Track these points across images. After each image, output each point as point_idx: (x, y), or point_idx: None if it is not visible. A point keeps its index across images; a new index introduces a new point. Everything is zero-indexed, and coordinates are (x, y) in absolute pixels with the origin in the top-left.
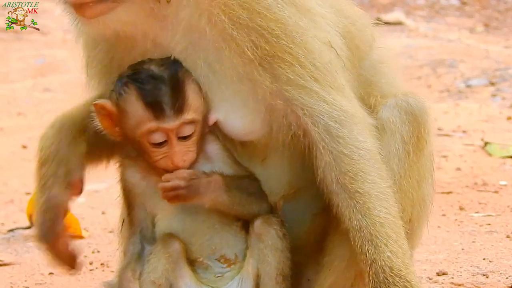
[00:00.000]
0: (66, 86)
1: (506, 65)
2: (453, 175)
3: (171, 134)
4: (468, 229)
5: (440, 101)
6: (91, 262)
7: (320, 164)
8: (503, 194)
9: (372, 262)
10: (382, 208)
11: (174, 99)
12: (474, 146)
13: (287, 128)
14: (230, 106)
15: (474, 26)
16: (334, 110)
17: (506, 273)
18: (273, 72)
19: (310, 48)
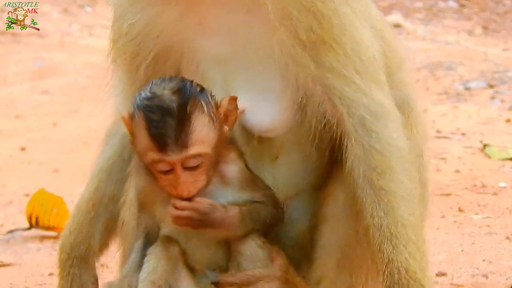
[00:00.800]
0: (64, 88)
1: (505, 68)
2: (452, 177)
3: (175, 166)
4: (467, 231)
5: (438, 104)
6: None
7: (350, 157)
8: (502, 196)
9: (388, 261)
10: (406, 209)
11: (178, 133)
12: (473, 149)
13: (321, 116)
14: (262, 93)
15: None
16: (372, 104)
17: (506, 274)
18: (320, 58)
19: (357, 42)
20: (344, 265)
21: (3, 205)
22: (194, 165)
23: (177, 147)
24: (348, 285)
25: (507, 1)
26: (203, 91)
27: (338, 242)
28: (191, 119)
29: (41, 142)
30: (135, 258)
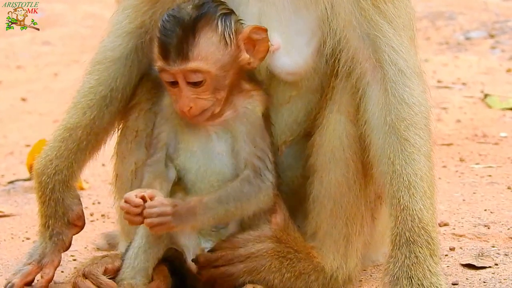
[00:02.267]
0: (65, 39)
1: (506, 18)
2: (453, 127)
3: (177, 77)
4: (469, 181)
5: (439, 54)
6: (92, 214)
7: (378, 104)
8: (503, 146)
9: (404, 208)
10: (425, 164)
11: (182, 44)
12: (474, 98)
13: (357, 63)
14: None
15: None
16: (411, 61)
17: (508, 224)
18: (379, 4)
19: (409, 8)
20: (338, 214)
21: (4, 156)
22: (195, 81)
23: (178, 58)
24: (343, 234)
25: None
26: (228, 15)
27: (329, 192)
28: (199, 34)
29: (41, 93)
30: (160, 167)
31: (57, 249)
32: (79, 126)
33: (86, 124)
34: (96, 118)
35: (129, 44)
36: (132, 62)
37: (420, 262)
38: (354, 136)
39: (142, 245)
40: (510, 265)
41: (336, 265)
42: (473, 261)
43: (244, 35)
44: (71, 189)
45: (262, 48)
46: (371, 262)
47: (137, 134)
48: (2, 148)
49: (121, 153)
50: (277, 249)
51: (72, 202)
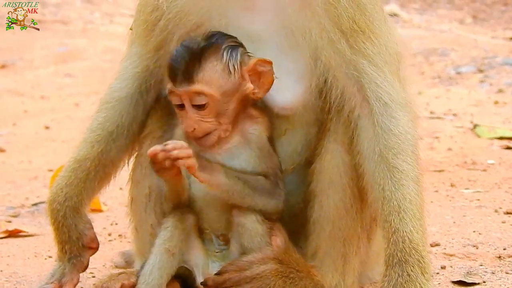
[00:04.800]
0: (86, 71)
1: (494, 54)
2: (445, 154)
3: (183, 99)
4: (459, 204)
5: (432, 87)
6: (110, 234)
7: (367, 136)
8: (491, 172)
9: (395, 230)
10: (413, 188)
11: (188, 68)
12: (464, 128)
13: (345, 99)
14: (289, 71)
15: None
16: (395, 94)
17: (495, 245)
18: (357, 45)
19: (388, 38)
20: (336, 236)
21: (28, 180)
22: (199, 103)
23: (184, 80)
24: (341, 254)
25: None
26: (235, 47)
27: (328, 215)
28: (205, 60)
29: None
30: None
31: (76, 269)
32: (88, 158)
33: (94, 157)
34: (104, 152)
35: (134, 85)
36: (137, 102)
37: (412, 280)
38: (350, 164)
39: (156, 263)
40: (497, 282)
41: (335, 282)
42: (463, 279)
43: (249, 67)
44: (82, 215)
45: (267, 80)
46: (368, 279)
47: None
48: (27, 172)
49: (136, 178)
50: (280, 269)
51: (84, 227)
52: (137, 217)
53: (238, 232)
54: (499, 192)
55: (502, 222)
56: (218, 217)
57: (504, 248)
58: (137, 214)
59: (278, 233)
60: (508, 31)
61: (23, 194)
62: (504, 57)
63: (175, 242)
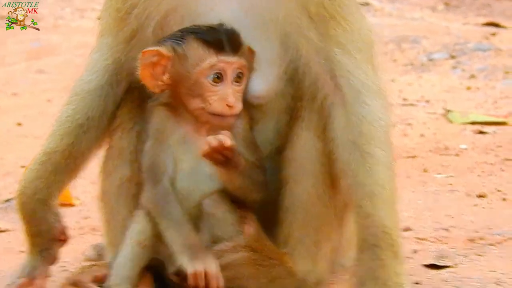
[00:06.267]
0: (59, 67)
1: (466, 40)
2: (417, 141)
3: (228, 71)
4: (431, 189)
5: (404, 74)
6: (82, 227)
7: (340, 124)
8: (463, 157)
9: (367, 215)
10: (386, 174)
11: (232, 40)
12: (437, 114)
13: (314, 87)
14: (259, 60)
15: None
16: (368, 81)
17: (466, 228)
18: (327, 32)
19: (361, 23)
20: (308, 222)
21: (1, 176)
22: (241, 76)
23: (232, 51)
24: (314, 241)
25: None
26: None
27: (300, 202)
28: (240, 35)
29: (36, 118)
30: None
31: (47, 262)
32: (57, 151)
33: (64, 149)
34: (74, 144)
35: (104, 77)
36: (107, 94)
37: (384, 264)
38: (322, 151)
39: (128, 254)
40: (469, 265)
41: (307, 269)
42: (435, 262)
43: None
44: (51, 208)
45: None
46: (340, 265)
47: (121, 152)
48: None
49: (107, 171)
50: (252, 257)
51: (54, 220)
52: (108, 210)
53: (209, 222)
54: (472, 176)
55: (474, 205)
56: (192, 208)
57: (476, 231)
58: (108, 206)
59: (250, 222)
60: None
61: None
62: (476, 43)
63: (146, 235)
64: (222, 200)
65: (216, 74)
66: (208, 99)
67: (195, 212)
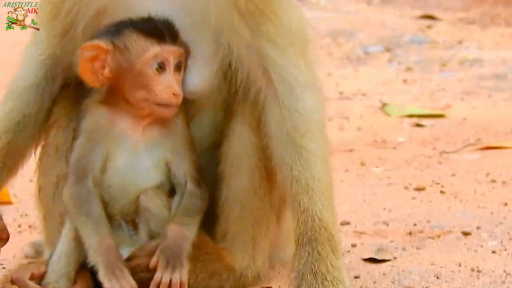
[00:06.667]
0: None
1: (401, 33)
2: (355, 134)
3: (170, 60)
4: (369, 183)
5: (341, 68)
6: (20, 225)
7: (274, 118)
8: (400, 150)
9: (304, 210)
10: (322, 167)
11: (170, 30)
12: (373, 108)
13: (247, 82)
14: (192, 56)
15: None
16: (300, 75)
17: (405, 221)
18: (257, 28)
19: (291, 17)
20: (245, 217)
21: None
22: (180, 66)
23: (172, 40)
24: (251, 235)
25: None
26: None
27: (236, 197)
28: (175, 24)
29: None
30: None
31: None
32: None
33: (2, 148)
34: (11, 142)
35: (40, 73)
36: (43, 90)
37: (322, 258)
38: (258, 145)
39: (64, 250)
40: (408, 258)
41: (245, 264)
42: (374, 256)
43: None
44: None
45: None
46: (279, 260)
47: (57, 149)
48: None
49: (43, 168)
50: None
51: None
52: (45, 207)
53: (145, 217)
54: (409, 169)
55: (412, 199)
56: (129, 204)
57: (415, 224)
58: (45, 203)
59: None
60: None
61: None
62: (411, 35)
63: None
64: (157, 195)
65: (159, 64)
66: (154, 89)
67: (132, 207)
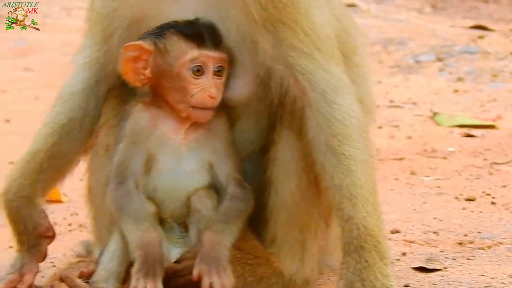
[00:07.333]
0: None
1: (452, 42)
2: (405, 143)
3: (209, 64)
4: (419, 192)
5: (391, 76)
6: (70, 224)
7: (312, 125)
8: (451, 160)
9: (348, 218)
10: (364, 172)
11: (213, 34)
12: (424, 117)
13: (283, 91)
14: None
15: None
16: (332, 79)
17: (455, 231)
18: (277, 37)
19: (314, 21)
20: (293, 222)
21: None
22: (221, 70)
23: (213, 45)
24: (299, 240)
25: None
26: None
27: (284, 202)
28: (220, 30)
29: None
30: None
31: (35, 258)
32: (41, 150)
33: (47, 149)
34: (56, 144)
35: (85, 79)
36: (88, 95)
37: (370, 266)
38: (304, 150)
39: (115, 250)
40: (458, 268)
41: (294, 269)
42: (424, 265)
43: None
44: (36, 205)
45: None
46: (328, 266)
47: (107, 149)
48: None
49: (93, 167)
50: (237, 256)
51: (39, 217)
52: (95, 206)
53: (196, 218)
54: (459, 179)
55: (463, 209)
56: (180, 206)
57: (465, 234)
58: (94, 203)
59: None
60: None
61: None
62: (463, 46)
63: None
64: (208, 196)
65: (196, 67)
66: (190, 91)
67: (183, 209)
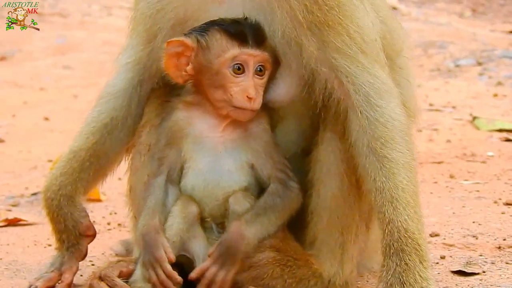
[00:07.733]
0: (84, 64)
1: (492, 47)
2: (444, 146)
3: (250, 63)
4: (458, 195)
5: (431, 79)
6: (109, 223)
7: (355, 128)
8: (490, 164)
9: (389, 221)
10: (405, 175)
11: (256, 34)
12: (463, 121)
13: (327, 93)
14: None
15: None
16: (376, 82)
17: (494, 235)
18: (322, 39)
19: (359, 24)
20: (334, 224)
21: (28, 170)
22: (263, 70)
23: (255, 44)
24: (339, 243)
25: None
26: None
27: (325, 204)
28: (264, 29)
29: (63, 113)
30: (158, 195)
31: (75, 257)
32: (82, 149)
33: (89, 148)
34: (98, 143)
35: (128, 79)
36: (131, 95)
37: (410, 269)
38: (347, 152)
39: None
40: (497, 273)
41: (333, 271)
42: (462, 269)
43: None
44: (77, 204)
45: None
46: (367, 269)
47: (149, 148)
48: (26, 162)
49: (134, 167)
50: (277, 257)
51: (79, 215)
52: (135, 205)
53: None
54: (499, 184)
55: (502, 213)
56: (218, 206)
57: (504, 238)
58: (135, 202)
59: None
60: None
61: (22, 184)
62: (503, 50)
63: (174, 231)
64: (246, 197)
65: (237, 65)
66: (230, 89)
67: (221, 210)
